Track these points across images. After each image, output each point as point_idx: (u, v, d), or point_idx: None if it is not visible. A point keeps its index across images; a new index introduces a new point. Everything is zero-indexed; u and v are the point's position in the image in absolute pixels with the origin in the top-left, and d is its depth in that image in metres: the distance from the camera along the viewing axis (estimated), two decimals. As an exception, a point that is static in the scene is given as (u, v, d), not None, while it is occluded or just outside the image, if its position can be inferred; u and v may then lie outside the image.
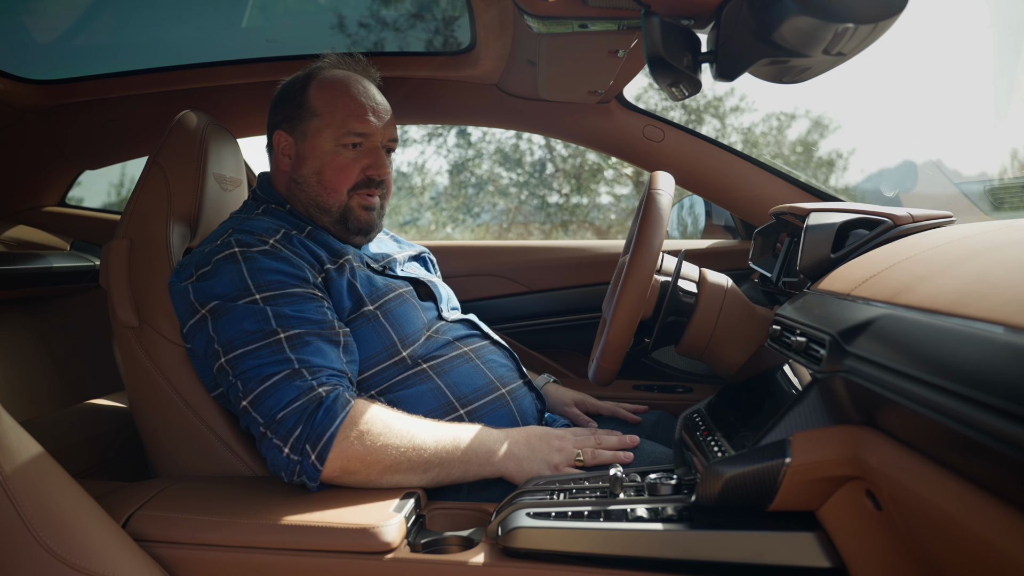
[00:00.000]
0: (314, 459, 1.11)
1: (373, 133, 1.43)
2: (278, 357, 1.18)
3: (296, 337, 1.20)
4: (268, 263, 1.27)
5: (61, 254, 2.17)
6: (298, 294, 1.26)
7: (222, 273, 1.26)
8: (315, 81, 1.45)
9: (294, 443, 1.12)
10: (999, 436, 0.55)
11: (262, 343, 1.19)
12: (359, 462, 1.13)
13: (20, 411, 1.91)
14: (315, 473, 1.12)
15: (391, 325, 1.36)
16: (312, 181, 1.43)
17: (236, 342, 1.20)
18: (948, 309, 0.73)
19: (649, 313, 1.40)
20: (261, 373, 1.17)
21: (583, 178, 12.54)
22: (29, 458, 0.94)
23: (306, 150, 1.44)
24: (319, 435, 1.11)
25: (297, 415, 1.13)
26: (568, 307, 2.27)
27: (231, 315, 1.22)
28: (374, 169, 1.43)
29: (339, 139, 1.41)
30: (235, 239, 1.30)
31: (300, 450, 1.12)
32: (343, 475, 1.14)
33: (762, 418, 1.01)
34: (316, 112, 1.43)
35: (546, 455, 1.24)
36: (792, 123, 15.06)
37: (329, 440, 1.11)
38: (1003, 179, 3.32)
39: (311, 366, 1.18)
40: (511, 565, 0.97)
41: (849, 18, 0.95)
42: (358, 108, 1.43)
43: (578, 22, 1.39)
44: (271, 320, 1.20)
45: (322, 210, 1.44)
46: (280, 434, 1.13)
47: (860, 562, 0.83)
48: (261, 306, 1.22)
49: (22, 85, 1.98)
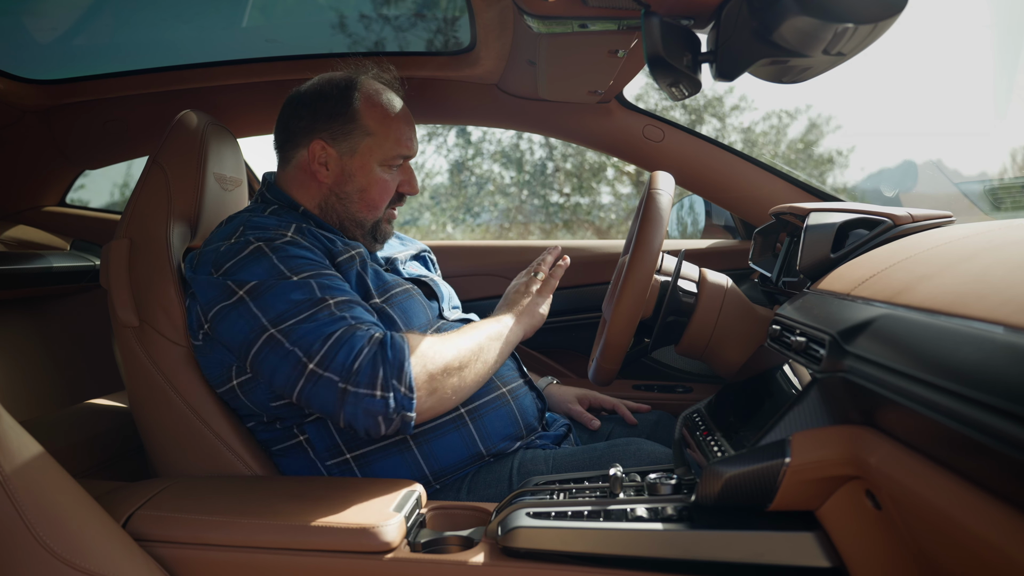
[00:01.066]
0: (404, 390, 1.17)
1: (413, 154, 1.49)
2: (334, 317, 1.22)
3: (343, 303, 1.25)
4: (294, 251, 1.29)
5: (61, 254, 2.17)
6: (330, 274, 1.30)
7: (254, 264, 1.26)
8: (362, 96, 1.43)
9: (383, 383, 1.17)
10: (999, 436, 0.55)
11: (314, 309, 1.22)
12: (439, 376, 1.22)
13: (20, 411, 1.90)
14: (410, 402, 1.18)
15: (399, 317, 1.36)
16: (355, 198, 1.44)
17: (287, 313, 1.22)
18: (948, 309, 0.73)
19: (649, 313, 1.40)
20: (323, 332, 1.20)
21: (583, 178, 12.55)
22: (29, 458, 0.94)
23: (355, 168, 1.43)
24: (399, 367, 1.18)
25: (371, 360, 1.17)
26: (568, 307, 2.27)
27: (276, 290, 1.24)
28: (408, 187, 1.49)
29: (389, 161, 1.44)
30: (252, 235, 1.29)
31: (389, 386, 1.17)
32: (430, 395, 1.22)
33: (762, 418, 1.01)
34: (369, 131, 1.42)
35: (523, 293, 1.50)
36: (792, 122, 15.06)
37: (409, 367, 1.19)
38: (1003, 179, 3.32)
39: (363, 321, 1.24)
40: (511, 565, 0.97)
41: (849, 18, 0.95)
42: (408, 131, 1.47)
43: (578, 22, 1.39)
44: (316, 290, 1.24)
45: (358, 224, 1.46)
46: (363, 382, 1.17)
47: (860, 562, 0.83)
48: (304, 280, 1.25)
49: (22, 85, 1.98)
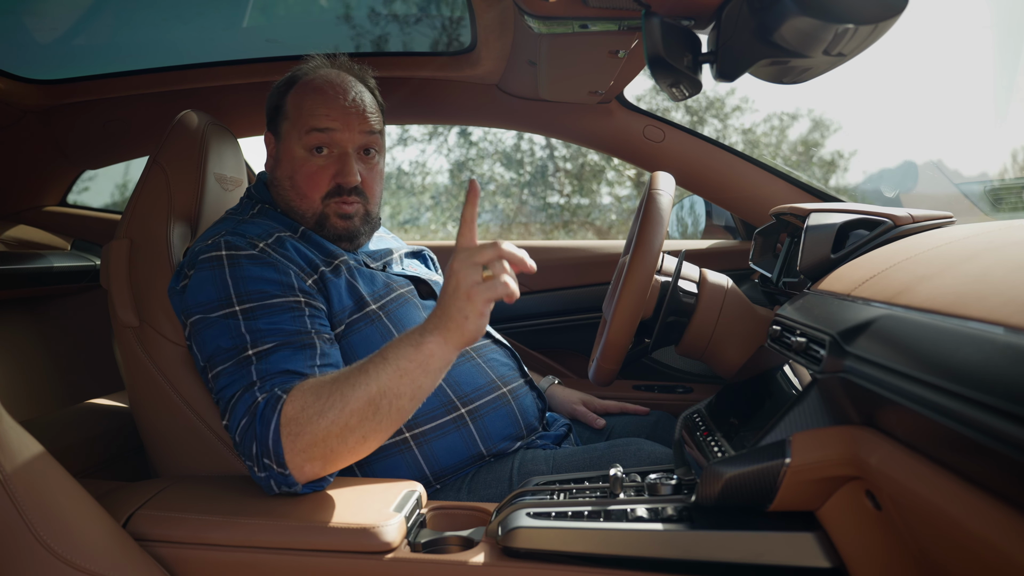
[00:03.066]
0: (277, 468, 1.07)
1: (338, 130, 1.36)
2: (243, 373, 1.16)
3: (265, 350, 1.17)
4: (252, 270, 1.25)
5: (62, 254, 2.17)
6: (277, 304, 1.22)
7: (206, 280, 1.24)
8: (296, 84, 1.42)
9: (256, 460, 1.09)
10: (999, 436, 0.55)
11: (232, 361, 1.18)
12: (313, 447, 1.06)
13: (20, 411, 1.91)
14: (288, 479, 1.08)
15: (394, 326, 1.35)
16: (286, 185, 1.41)
17: (215, 359, 1.20)
18: (948, 310, 0.73)
19: (649, 313, 1.40)
20: (226, 394, 1.16)
21: (584, 178, 12.55)
22: (30, 458, 0.94)
23: (281, 153, 1.42)
24: (265, 444, 1.07)
25: (247, 433, 1.10)
26: (568, 307, 2.27)
27: (211, 331, 1.21)
28: (341, 176, 1.37)
29: (302, 140, 1.36)
30: (225, 240, 1.28)
31: (262, 465, 1.08)
32: (311, 464, 1.08)
33: (762, 418, 1.01)
34: (287, 115, 1.41)
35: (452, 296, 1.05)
36: (793, 123, 15.06)
37: (275, 444, 1.06)
38: (1003, 180, 3.32)
39: (266, 375, 1.14)
40: (511, 565, 0.97)
41: (849, 19, 0.95)
42: (321, 108, 1.36)
43: (578, 22, 1.39)
44: (245, 336, 1.18)
45: (297, 215, 1.41)
46: (246, 455, 1.11)
47: (860, 562, 0.83)
48: (238, 320, 1.20)
49: (23, 85, 1.98)
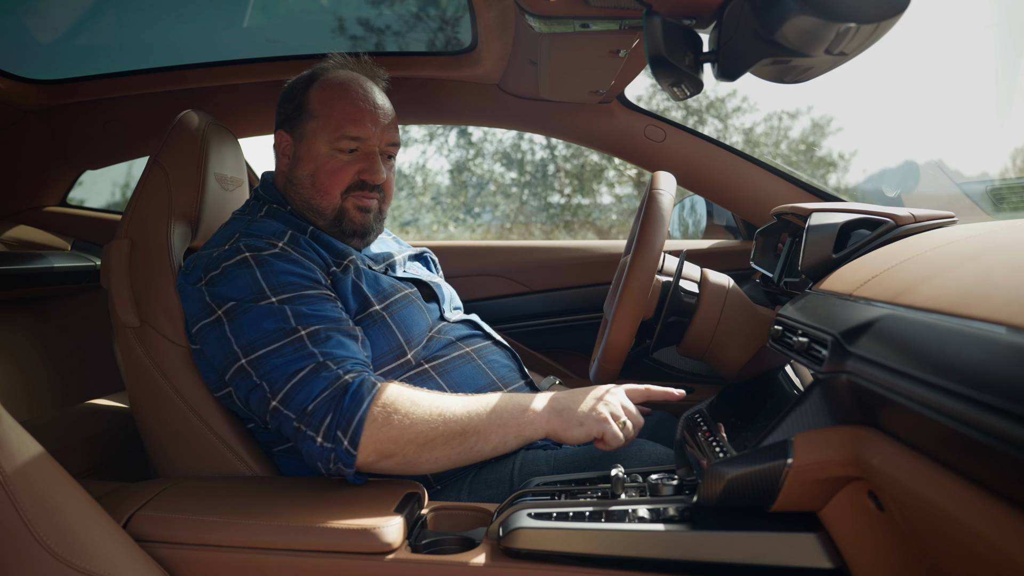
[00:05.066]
0: (347, 444, 1.10)
1: (369, 138, 1.41)
2: (302, 353, 1.17)
3: (317, 333, 1.20)
4: (281, 265, 1.26)
5: (62, 254, 2.17)
6: (313, 295, 1.26)
7: (235, 277, 1.25)
8: (317, 82, 1.44)
9: (326, 431, 1.11)
10: (1001, 437, 0.55)
11: (284, 341, 1.18)
12: (392, 443, 1.12)
13: (20, 411, 1.90)
14: (350, 459, 1.11)
15: (397, 327, 1.36)
16: (307, 183, 1.42)
17: (258, 343, 1.19)
18: (950, 309, 0.73)
19: (650, 313, 1.40)
20: (288, 370, 1.16)
21: (585, 178, 12.54)
22: (30, 458, 0.94)
23: (302, 152, 1.43)
24: (348, 420, 1.11)
25: (326, 404, 1.12)
26: (569, 307, 2.27)
27: (250, 315, 1.21)
28: (368, 174, 1.41)
29: (334, 143, 1.40)
30: (244, 243, 1.29)
31: (332, 437, 1.11)
32: (379, 459, 1.12)
33: (764, 418, 1.01)
34: (313, 114, 1.42)
35: (592, 404, 1.18)
36: (794, 123, 15.07)
37: (359, 424, 1.10)
38: (1005, 179, 3.32)
39: (335, 358, 1.18)
40: (512, 566, 0.97)
41: (851, 18, 0.94)
42: (355, 112, 1.40)
43: (579, 22, 1.39)
44: (291, 319, 1.20)
45: (316, 212, 1.43)
46: (312, 425, 1.12)
47: (862, 563, 0.82)
48: (280, 306, 1.21)
49: (23, 85, 1.98)
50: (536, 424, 1.18)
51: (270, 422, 1.21)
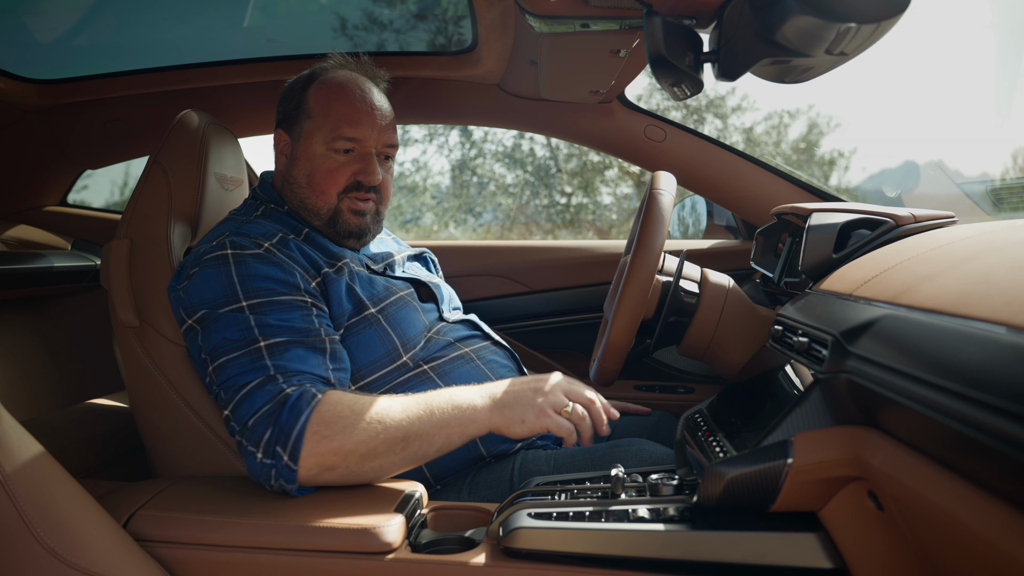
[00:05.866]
0: (287, 460, 1.08)
1: (365, 139, 1.40)
2: (256, 365, 1.16)
3: (277, 345, 1.18)
4: (258, 268, 1.25)
5: (62, 254, 2.17)
6: (285, 302, 1.24)
7: (212, 277, 1.25)
8: (315, 82, 1.44)
9: (265, 447, 1.09)
10: (1002, 436, 0.55)
11: (242, 351, 1.18)
12: (333, 455, 1.09)
13: (20, 411, 1.91)
14: (291, 474, 1.09)
15: (393, 329, 1.36)
16: (302, 183, 1.42)
17: (219, 350, 1.19)
18: (951, 309, 0.73)
19: (651, 313, 1.40)
20: (238, 382, 1.16)
21: (585, 178, 12.54)
22: (30, 458, 0.94)
23: (299, 151, 1.43)
24: (287, 434, 1.08)
25: (266, 419, 1.10)
26: (569, 307, 2.27)
27: (217, 324, 1.21)
28: (364, 175, 1.41)
29: (330, 143, 1.39)
30: (230, 240, 1.29)
31: (272, 453, 1.08)
32: (321, 472, 1.10)
33: (764, 418, 1.01)
34: (311, 114, 1.41)
35: (530, 398, 1.15)
36: (794, 122, 15.06)
37: (298, 438, 1.08)
38: (1005, 179, 3.32)
39: (287, 371, 1.16)
40: (512, 566, 0.97)
41: (851, 18, 0.94)
42: (352, 113, 1.40)
43: (580, 22, 1.39)
44: (254, 329, 1.19)
45: (311, 212, 1.42)
46: (253, 440, 1.11)
47: (862, 563, 0.82)
48: (246, 314, 1.21)
49: (23, 85, 1.98)
50: (479, 422, 1.15)
51: (227, 430, 1.20)
